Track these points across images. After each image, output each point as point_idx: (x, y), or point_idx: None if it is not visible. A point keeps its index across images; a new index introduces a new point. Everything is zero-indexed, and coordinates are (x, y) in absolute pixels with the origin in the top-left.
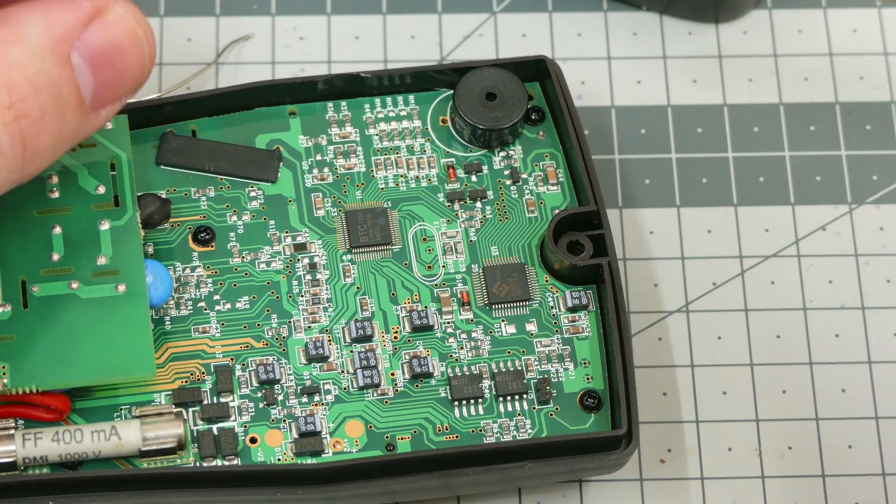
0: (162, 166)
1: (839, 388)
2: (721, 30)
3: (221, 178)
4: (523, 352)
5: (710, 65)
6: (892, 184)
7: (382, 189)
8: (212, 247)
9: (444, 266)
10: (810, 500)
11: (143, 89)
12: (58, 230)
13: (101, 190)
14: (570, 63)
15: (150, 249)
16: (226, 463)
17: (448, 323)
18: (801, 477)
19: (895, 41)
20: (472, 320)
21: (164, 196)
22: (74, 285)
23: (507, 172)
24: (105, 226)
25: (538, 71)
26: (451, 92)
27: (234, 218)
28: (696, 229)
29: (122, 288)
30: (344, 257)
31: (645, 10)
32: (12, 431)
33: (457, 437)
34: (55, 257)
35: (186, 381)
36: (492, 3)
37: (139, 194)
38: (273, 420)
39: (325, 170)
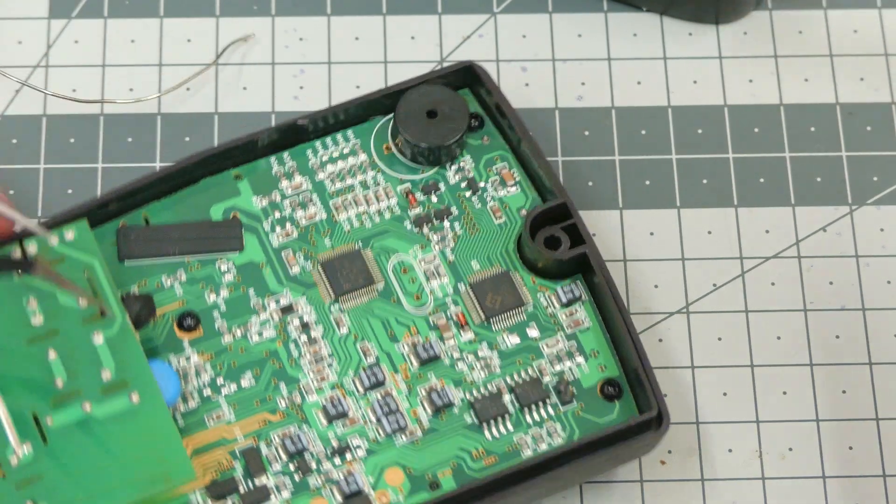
0: (126, 261)
1: (840, 390)
2: (721, 31)
3: (188, 259)
4: (532, 358)
5: (710, 66)
6: (893, 185)
7: (349, 231)
8: (199, 331)
9: (431, 292)
10: (811, 501)
11: (143, 89)
12: (53, 355)
13: (84, 303)
14: (571, 64)
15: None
16: None
17: (452, 348)
18: (801, 478)
19: (895, 42)
20: (474, 339)
21: (139, 293)
22: (87, 407)
23: (464, 185)
24: (99, 338)
25: (466, 78)
26: (388, 118)
27: (213, 296)
28: (696, 230)
29: (135, 397)
30: (332, 308)
31: (645, 11)
32: None
33: (495, 458)
34: (59, 383)
35: (216, 473)
36: (492, 3)
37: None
38: (313, 489)
39: (288, 225)
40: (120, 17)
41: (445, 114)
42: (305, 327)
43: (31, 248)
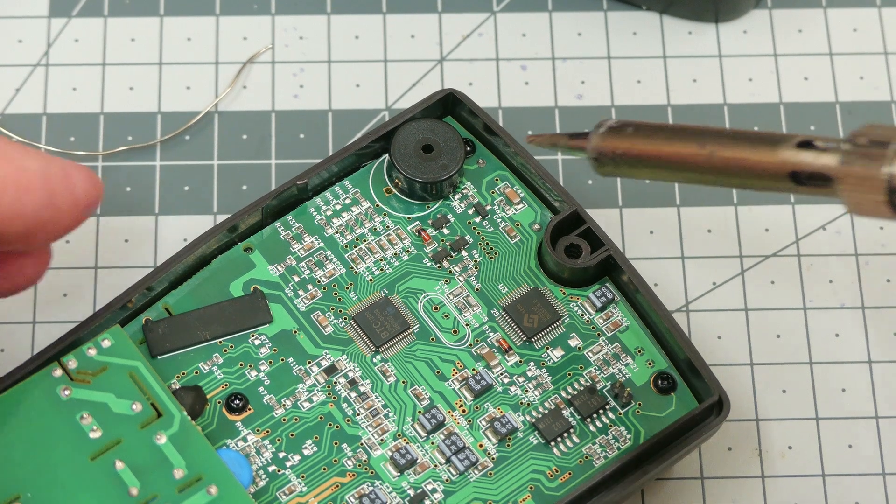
0: (159, 357)
1: (839, 388)
2: (721, 29)
3: (221, 342)
4: (581, 367)
5: (710, 64)
6: None
7: (371, 280)
8: (250, 410)
9: (467, 324)
10: (810, 499)
11: (143, 87)
12: (121, 465)
13: (138, 407)
14: (571, 63)
15: None
16: None
17: (501, 374)
18: (801, 476)
19: (895, 41)
20: (520, 361)
21: (188, 385)
22: None
23: (471, 212)
24: (162, 439)
25: (446, 106)
26: (380, 161)
27: (254, 373)
28: (696, 229)
29: (214, 490)
30: (374, 360)
31: (645, 10)
32: None
33: (569, 474)
34: (134, 492)
35: None
36: (492, 2)
37: None
38: None
39: (310, 287)
40: (120, 16)
41: (440, 145)
42: (353, 384)
43: (72, 362)
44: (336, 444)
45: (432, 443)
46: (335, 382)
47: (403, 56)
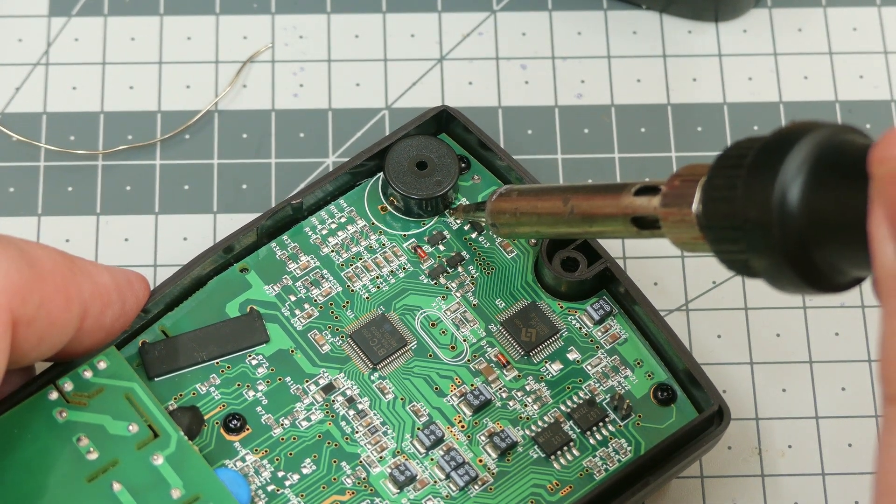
0: (156, 379)
1: (839, 387)
2: (721, 28)
3: (218, 363)
4: (580, 381)
5: (709, 63)
6: None
7: (368, 298)
8: (248, 430)
9: (465, 340)
10: (810, 499)
11: (142, 86)
12: (118, 486)
13: (134, 428)
14: (570, 62)
15: None
16: None
17: (500, 389)
18: (800, 475)
19: (895, 39)
20: (519, 376)
21: (185, 406)
22: None
23: (467, 227)
24: (159, 459)
25: (440, 122)
26: (375, 179)
27: (252, 392)
28: None
29: None
30: (372, 377)
31: (645, 9)
32: None
33: (570, 487)
34: None
35: None
36: (492, 1)
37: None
38: None
39: (307, 306)
40: (120, 15)
41: (434, 162)
42: (351, 402)
43: (68, 385)
44: (335, 462)
45: (432, 459)
46: (333, 401)
47: (403, 55)
